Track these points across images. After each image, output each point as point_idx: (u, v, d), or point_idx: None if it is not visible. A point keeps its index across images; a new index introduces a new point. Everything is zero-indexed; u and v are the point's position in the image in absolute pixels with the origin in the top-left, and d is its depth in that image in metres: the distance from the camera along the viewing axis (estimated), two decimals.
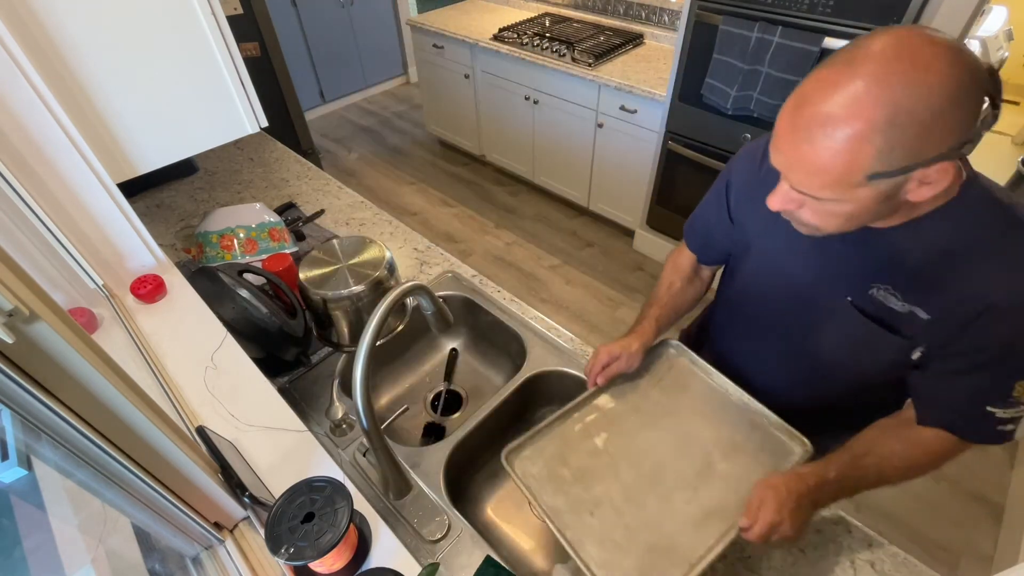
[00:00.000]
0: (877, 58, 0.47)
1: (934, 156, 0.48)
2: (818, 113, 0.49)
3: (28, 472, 0.68)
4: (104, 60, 0.91)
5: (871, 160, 0.48)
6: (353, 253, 0.99)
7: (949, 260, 0.59)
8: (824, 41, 1.61)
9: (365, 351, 0.70)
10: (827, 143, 0.49)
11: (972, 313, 0.59)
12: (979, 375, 0.62)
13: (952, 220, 0.58)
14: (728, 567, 0.79)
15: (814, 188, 0.54)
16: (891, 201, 0.54)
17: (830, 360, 0.76)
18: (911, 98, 0.45)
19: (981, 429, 0.65)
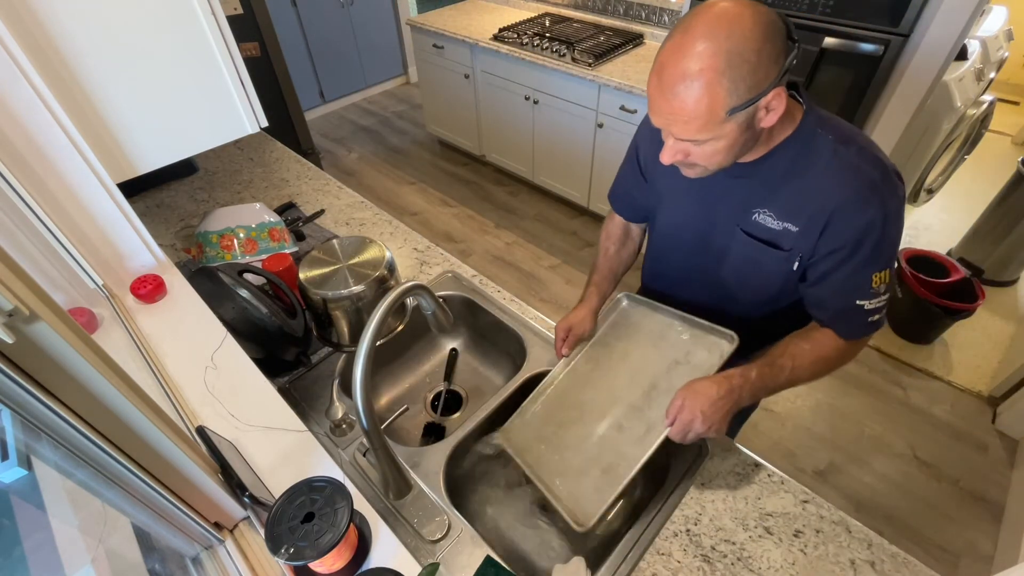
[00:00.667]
0: (704, 23, 0.61)
1: (768, 85, 0.62)
2: (676, 73, 0.62)
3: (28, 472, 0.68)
4: (104, 60, 0.91)
5: (725, 98, 0.62)
6: (353, 253, 0.99)
7: (800, 179, 0.73)
8: (824, 41, 1.61)
9: (365, 351, 0.70)
10: (690, 94, 0.62)
11: (823, 220, 0.73)
12: (841, 273, 0.75)
13: (797, 146, 0.73)
14: (728, 567, 0.79)
15: (691, 133, 0.66)
16: (751, 130, 0.67)
17: (738, 282, 0.89)
18: (736, 44, 0.60)
19: (855, 323, 0.78)
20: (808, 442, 1.94)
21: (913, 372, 2.17)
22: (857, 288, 0.75)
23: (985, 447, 1.91)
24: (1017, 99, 3.97)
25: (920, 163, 2.28)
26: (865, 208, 0.70)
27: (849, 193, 0.70)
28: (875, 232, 0.71)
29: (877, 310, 0.77)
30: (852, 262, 0.74)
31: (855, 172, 0.70)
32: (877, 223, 0.70)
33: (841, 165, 0.71)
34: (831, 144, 0.71)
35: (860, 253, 0.73)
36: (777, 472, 0.90)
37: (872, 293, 0.75)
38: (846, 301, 0.77)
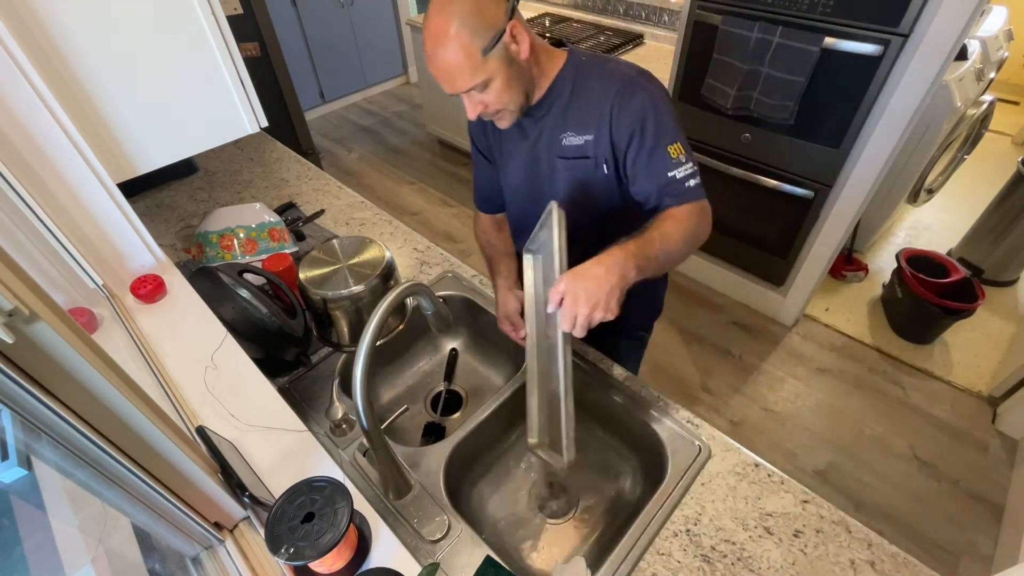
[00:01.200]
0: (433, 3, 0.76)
1: (502, 22, 0.76)
2: (432, 43, 0.76)
3: (28, 472, 0.68)
4: (104, 60, 0.91)
5: (473, 43, 0.75)
6: (353, 253, 0.99)
7: (580, 97, 0.88)
8: (824, 41, 1.61)
9: (365, 351, 0.70)
10: (446, 51, 0.75)
11: (607, 120, 0.86)
12: (642, 157, 0.86)
13: (568, 74, 0.89)
14: (728, 567, 0.79)
15: (469, 80, 0.78)
16: (516, 64, 0.81)
17: (579, 206, 0.96)
18: (460, 6, 0.73)
19: (679, 191, 0.86)
20: (808, 442, 1.94)
21: (913, 372, 2.17)
22: (661, 166, 0.85)
23: (985, 447, 1.91)
24: (1017, 99, 3.97)
25: (920, 163, 2.28)
26: (632, 96, 0.84)
27: (616, 90, 0.85)
28: (650, 112, 0.84)
29: (690, 175, 0.86)
30: (645, 145, 0.85)
31: (615, 75, 0.86)
32: (648, 104, 0.84)
33: (604, 74, 0.87)
34: (594, 64, 0.88)
35: (647, 133, 0.84)
36: (777, 472, 0.90)
37: (675, 163, 0.85)
38: (660, 178, 0.86)
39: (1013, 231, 2.31)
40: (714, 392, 2.12)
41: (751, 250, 2.29)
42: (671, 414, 0.99)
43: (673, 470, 0.91)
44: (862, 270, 2.55)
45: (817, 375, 2.17)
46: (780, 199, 2.03)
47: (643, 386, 1.05)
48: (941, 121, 2.14)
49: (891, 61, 1.57)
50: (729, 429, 1.98)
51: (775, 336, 2.34)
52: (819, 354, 2.25)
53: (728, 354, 2.27)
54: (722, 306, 2.49)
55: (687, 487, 0.88)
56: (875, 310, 2.43)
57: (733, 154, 2.06)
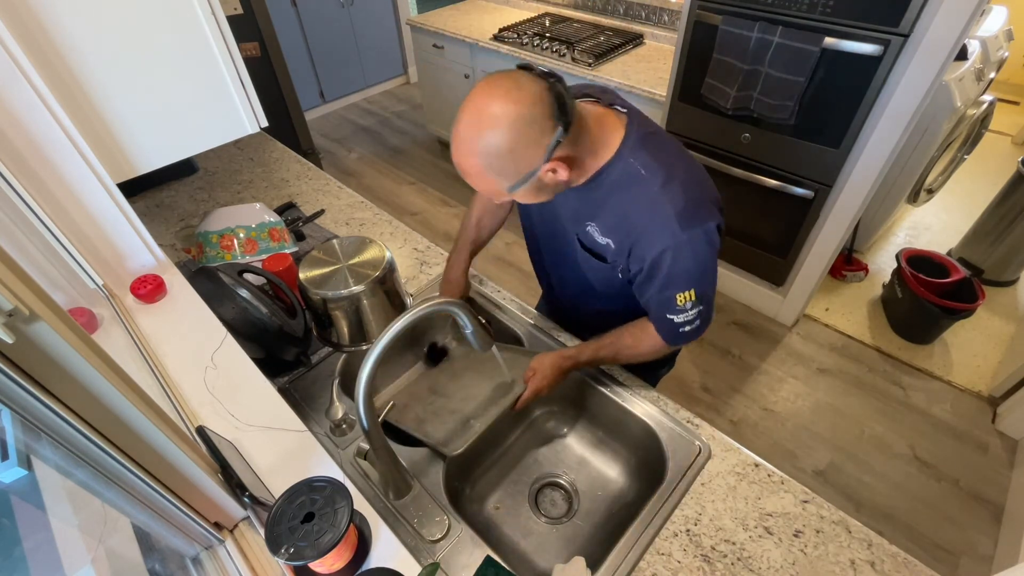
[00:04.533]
0: (467, 122, 0.68)
1: (536, 165, 0.70)
2: (458, 163, 0.72)
3: (28, 472, 0.68)
4: (104, 60, 0.91)
5: (500, 184, 0.72)
6: (353, 253, 0.99)
7: (617, 202, 0.80)
8: (824, 41, 1.61)
9: (377, 354, 0.70)
10: (473, 181, 0.74)
11: (628, 245, 0.82)
12: (650, 291, 0.84)
13: (613, 173, 0.79)
14: (728, 567, 0.79)
15: (489, 197, 0.80)
16: (549, 185, 0.75)
17: (584, 279, 0.99)
18: (494, 145, 0.67)
19: (669, 330, 0.87)
20: (808, 442, 1.94)
21: (913, 372, 2.17)
22: (664, 305, 0.84)
23: (985, 447, 1.91)
24: (1017, 99, 3.97)
25: (920, 163, 2.28)
26: (657, 240, 0.77)
27: (645, 223, 0.78)
28: (666, 261, 0.78)
29: (687, 322, 0.85)
30: (654, 284, 0.82)
31: (654, 205, 0.77)
32: (667, 254, 0.78)
33: (646, 195, 0.78)
34: (640, 175, 0.78)
35: (658, 277, 0.81)
36: (777, 472, 0.90)
37: (679, 310, 0.83)
38: (658, 313, 0.86)
39: (1013, 231, 2.31)
40: (714, 392, 2.12)
41: (751, 250, 2.29)
42: (671, 414, 0.99)
43: (673, 470, 0.91)
44: (862, 270, 2.55)
45: (817, 375, 2.17)
46: (780, 199, 2.03)
47: (643, 386, 1.05)
48: (941, 121, 2.14)
49: (891, 61, 1.57)
50: (729, 429, 1.98)
51: (775, 336, 2.34)
52: (819, 354, 2.25)
53: (728, 354, 2.27)
54: (722, 306, 2.49)
55: (687, 487, 0.88)
56: (875, 310, 2.43)
57: (733, 154, 2.06)
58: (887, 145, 1.71)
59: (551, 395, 1.01)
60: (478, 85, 0.69)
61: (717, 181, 0.88)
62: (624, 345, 0.96)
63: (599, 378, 1.06)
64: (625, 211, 0.80)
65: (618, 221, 0.82)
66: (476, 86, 0.69)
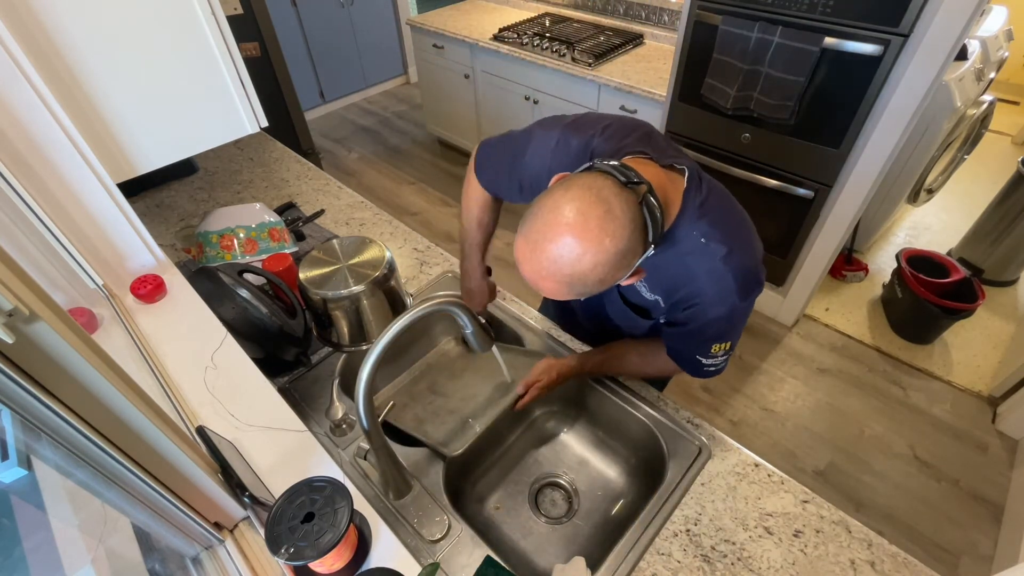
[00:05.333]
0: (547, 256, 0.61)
1: (629, 272, 0.66)
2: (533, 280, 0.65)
3: (28, 472, 0.68)
4: (104, 60, 0.91)
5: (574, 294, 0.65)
6: (353, 253, 0.99)
7: (672, 268, 0.79)
8: (824, 41, 1.61)
9: (377, 355, 0.70)
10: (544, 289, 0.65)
11: (682, 306, 0.82)
12: (687, 337, 0.86)
13: (672, 240, 0.76)
14: (728, 567, 0.79)
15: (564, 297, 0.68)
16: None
17: (615, 325, 1.03)
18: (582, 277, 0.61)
19: (691, 367, 0.90)
20: (808, 442, 1.94)
21: (913, 372, 2.17)
22: (698, 349, 0.86)
23: (985, 447, 1.91)
24: (1017, 99, 3.97)
25: (920, 163, 2.28)
26: (717, 308, 0.79)
27: (704, 290, 0.78)
28: (720, 324, 0.81)
29: (714, 366, 0.87)
30: (695, 335, 0.84)
31: (716, 277, 0.77)
32: (723, 319, 0.80)
33: (706, 267, 0.77)
34: (700, 244, 0.76)
35: (706, 334, 0.83)
36: (777, 472, 0.90)
37: (711, 355, 0.85)
38: (687, 353, 0.88)
39: (1013, 231, 2.31)
40: (714, 392, 2.12)
41: None
42: (671, 414, 0.99)
43: (673, 470, 0.91)
44: (862, 270, 2.55)
45: (817, 375, 2.17)
46: (780, 199, 2.03)
47: (643, 386, 1.05)
48: (941, 121, 2.14)
49: (891, 61, 1.57)
50: (729, 429, 1.98)
51: (775, 336, 2.34)
52: (819, 354, 2.25)
53: None
54: None
55: (687, 487, 0.88)
56: (875, 310, 2.43)
57: (733, 154, 2.06)
58: (887, 145, 1.71)
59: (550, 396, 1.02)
60: (561, 201, 0.61)
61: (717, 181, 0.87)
62: (630, 362, 0.99)
63: (599, 378, 1.06)
64: (683, 277, 0.79)
65: (674, 284, 0.80)
66: (559, 201, 0.61)
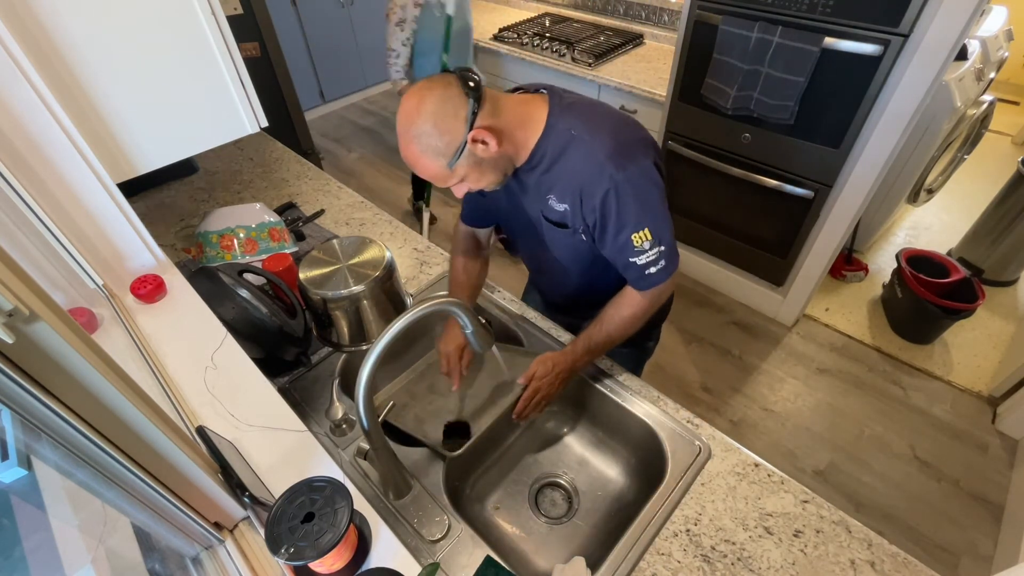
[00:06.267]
0: (400, 124, 0.79)
1: (462, 137, 0.77)
2: (403, 155, 0.81)
3: (28, 472, 0.68)
4: (104, 60, 0.91)
5: (438, 162, 0.79)
6: (353, 253, 0.99)
7: (559, 166, 0.86)
8: (824, 41, 1.61)
9: (377, 354, 0.70)
10: (420, 170, 0.82)
11: (577, 199, 0.86)
12: (606, 239, 0.88)
13: (548, 141, 0.85)
14: (728, 567, 0.79)
15: (445, 184, 0.83)
16: (485, 159, 0.81)
17: (560, 258, 1.03)
18: (419, 130, 0.77)
19: (638, 276, 0.90)
20: (808, 442, 1.94)
21: (913, 372, 2.17)
22: (623, 250, 0.88)
23: (985, 447, 1.91)
24: (1017, 99, 3.97)
25: (920, 163, 2.28)
26: (597, 186, 0.83)
27: (585, 174, 0.84)
28: (611, 203, 0.83)
29: (651, 263, 0.88)
30: (608, 231, 0.87)
31: (588, 154, 0.83)
32: (610, 195, 0.83)
33: (579, 150, 0.84)
34: (571, 135, 0.84)
35: (610, 223, 0.85)
36: (777, 472, 0.90)
37: (639, 251, 0.87)
38: (623, 260, 0.89)
39: (1013, 231, 2.31)
40: (714, 392, 2.12)
41: (751, 250, 2.28)
42: (671, 414, 0.99)
43: (673, 470, 0.91)
44: (862, 270, 2.55)
45: (817, 375, 2.17)
46: (780, 199, 2.03)
47: (643, 386, 1.05)
48: (941, 121, 2.14)
49: (891, 61, 1.57)
50: (729, 429, 1.98)
51: (775, 336, 2.34)
52: (819, 354, 2.25)
53: (728, 354, 2.27)
54: (722, 306, 2.49)
55: (687, 487, 0.88)
56: (875, 310, 2.43)
57: (733, 154, 2.06)
58: (887, 145, 1.71)
59: (556, 398, 1.00)
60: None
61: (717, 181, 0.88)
62: (607, 318, 0.98)
63: (599, 378, 1.06)
64: (568, 172, 0.85)
65: (566, 183, 0.87)
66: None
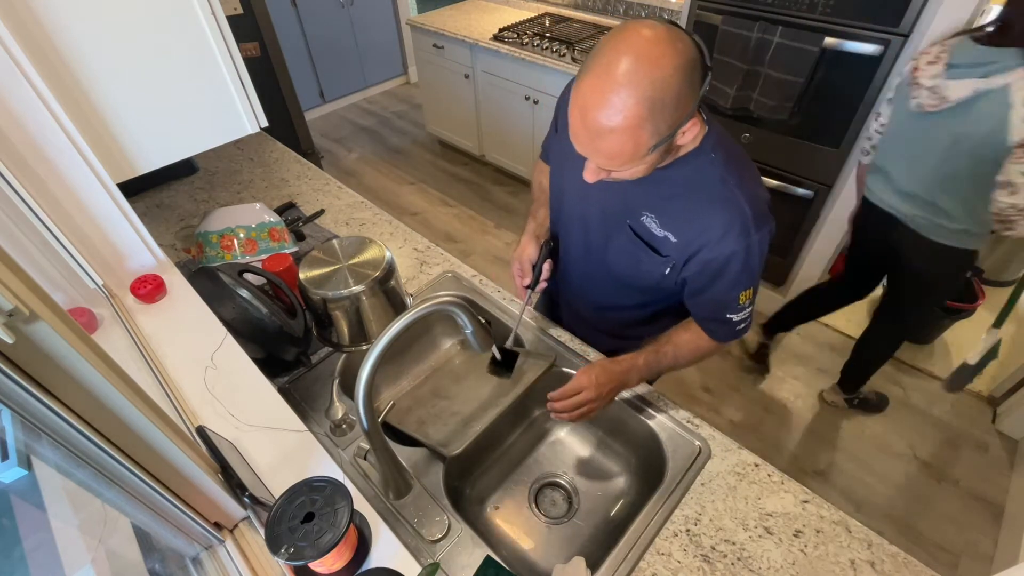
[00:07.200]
0: (625, 66, 0.61)
1: (686, 116, 0.67)
2: (600, 119, 0.64)
3: (28, 472, 0.68)
4: (104, 60, 0.91)
5: (648, 140, 0.66)
6: (353, 253, 0.99)
7: (688, 199, 0.80)
8: (824, 41, 1.61)
9: (377, 355, 0.70)
10: (614, 140, 0.65)
11: (697, 244, 0.80)
12: (711, 293, 0.85)
13: (693, 164, 0.78)
14: (728, 567, 0.79)
15: (615, 167, 0.71)
16: (669, 152, 0.74)
17: (617, 271, 0.95)
18: (658, 90, 0.61)
19: (725, 330, 0.89)
20: (808, 442, 1.94)
21: (913, 372, 2.17)
22: (725, 305, 0.85)
23: (985, 447, 1.91)
24: None
25: None
26: (731, 241, 0.78)
27: (721, 225, 0.78)
28: (738, 262, 0.79)
29: (743, 320, 0.88)
30: (719, 284, 0.83)
31: (730, 205, 0.77)
32: (740, 254, 0.78)
33: (722, 195, 0.78)
34: (719, 170, 0.78)
35: (725, 277, 0.81)
36: (777, 472, 0.90)
37: (739, 308, 0.86)
38: (716, 314, 0.88)
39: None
40: (714, 392, 2.12)
41: None
42: (671, 414, 0.99)
43: (673, 470, 0.91)
44: None
45: (817, 375, 2.17)
46: (780, 199, 2.03)
47: (643, 385, 1.05)
48: None
49: (891, 61, 1.57)
50: (729, 429, 1.98)
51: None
52: (819, 354, 2.25)
53: (728, 354, 2.27)
54: None
55: (687, 487, 0.88)
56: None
57: None
58: None
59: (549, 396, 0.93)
60: (628, 30, 0.63)
61: None
62: (682, 341, 0.93)
63: None
64: (698, 208, 0.79)
65: (686, 217, 0.80)
66: (626, 31, 0.63)
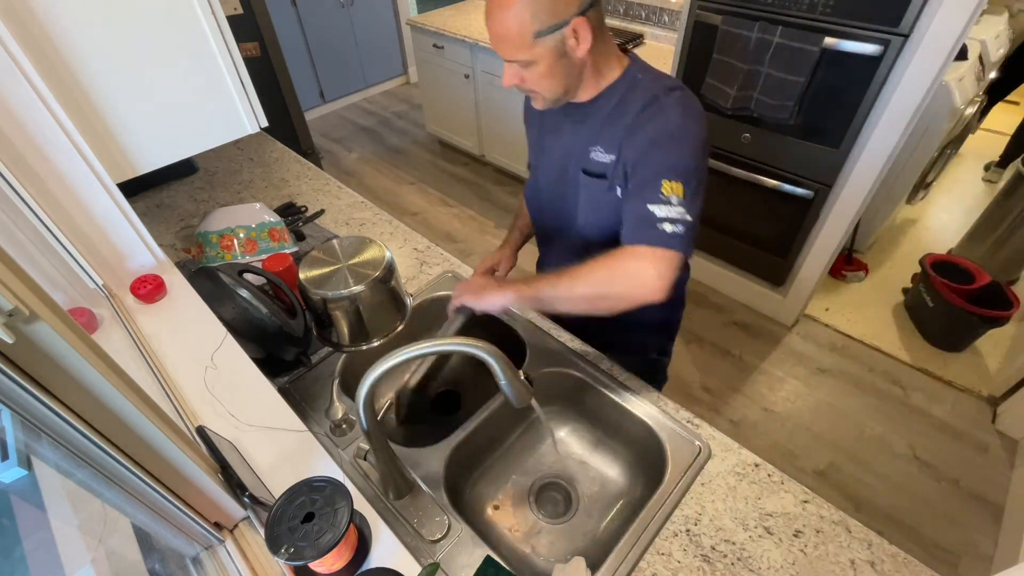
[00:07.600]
0: None
1: (569, 15, 0.73)
2: (492, 5, 0.75)
3: (28, 472, 0.68)
4: (104, 60, 0.91)
5: (530, 23, 0.73)
6: (353, 253, 0.99)
7: (618, 113, 0.84)
8: (824, 41, 1.61)
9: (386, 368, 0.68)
10: (502, 18, 0.74)
11: (624, 140, 0.83)
12: (635, 179, 0.83)
13: (623, 87, 0.84)
14: (728, 567, 0.79)
15: (510, 53, 0.77)
16: (567, 58, 0.78)
17: (589, 229, 0.96)
18: None
19: (646, 226, 0.80)
20: (808, 442, 1.94)
21: (913, 372, 2.17)
22: (649, 193, 0.80)
23: (985, 447, 1.91)
24: (1017, 99, 3.97)
25: (920, 163, 2.28)
26: (650, 119, 0.80)
27: (639, 107, 0.81)
28: (662, 140, 0.80)
29: (670, 220, 0.79)
30: (641, 171, 0.82)
31: (646, 91, 0.82)
32: (662, 131, 0.80)
33: (640, 92, 0.82)
34: (651, 86, 0.83)
35: (650, 161, 0.81)
36: (777, 472, 0.90)
37: (662, 200, 0.79)
38: (639, 207, 0.81)
39: (1013, 231, 2.31)
40: (714, 392, 2.12)
41: (751, 250, 2.29)
42: (671, 414, 0.99)
43: (673, 470, 0.91)
44: (862, 270, 2.55)
45: (817, 375, 2.17)
46: (780, 199, 2.03)
47: (643, 386, 1.05)
48: (941, 121, 2.14)
49: (891, 61, 1.57)
50: (729, 429, 1.98)
51: (775, 336, 2.34)
52: (819, 354, 2.25)
53: (728, 354, 2.27)
54: (722, 306, 2.49)
55: (687, 487, 0.88)
56: (875, 310, 2.43)
57: (733, 154, 2.06)
58: (887, 145, 1.71)
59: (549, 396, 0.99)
60: None
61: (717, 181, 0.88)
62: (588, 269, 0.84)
63: (599, 378, 1.06)
64: (623, 114, 0.83)
65: (618, 127, 0.84)
66: None
